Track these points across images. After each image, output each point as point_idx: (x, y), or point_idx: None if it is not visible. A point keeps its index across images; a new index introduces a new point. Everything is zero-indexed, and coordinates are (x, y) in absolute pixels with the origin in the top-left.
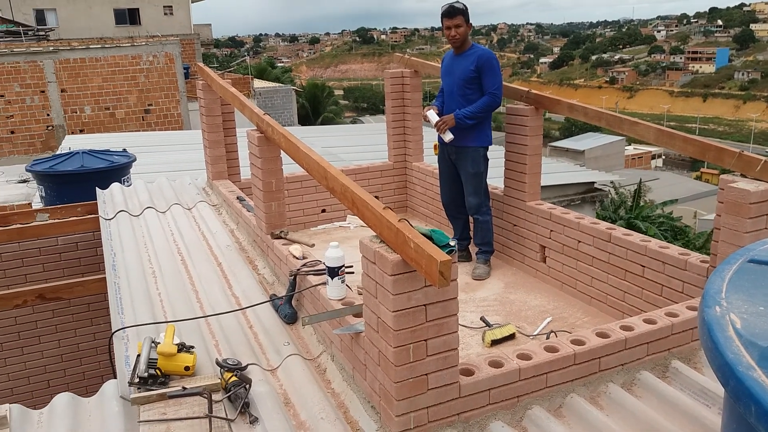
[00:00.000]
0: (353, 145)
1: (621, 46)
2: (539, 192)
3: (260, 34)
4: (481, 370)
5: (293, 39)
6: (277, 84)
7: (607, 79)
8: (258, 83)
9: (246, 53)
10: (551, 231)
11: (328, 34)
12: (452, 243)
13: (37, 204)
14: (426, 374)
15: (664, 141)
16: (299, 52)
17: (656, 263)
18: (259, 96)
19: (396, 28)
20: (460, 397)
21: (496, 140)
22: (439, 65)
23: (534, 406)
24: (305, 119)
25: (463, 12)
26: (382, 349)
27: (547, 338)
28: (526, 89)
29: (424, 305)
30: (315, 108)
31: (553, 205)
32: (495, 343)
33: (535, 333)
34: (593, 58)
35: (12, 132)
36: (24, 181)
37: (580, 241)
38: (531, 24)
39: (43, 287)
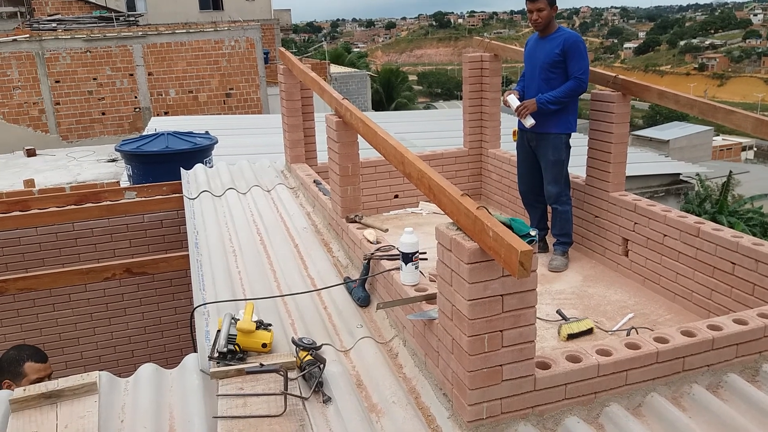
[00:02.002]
0: (426, 131)
1: (712, 31)
2: (624, 182)
3: (337, 20)
4: (557, 364)
5: (370, 24)
6: (353, 69)
7: (696, 66)
8: (334, 68)
9: (323, 38)
10: (635, 223)
11: (404, 18)
12: (533, 233)
13: (124, 182)
14: (500, 365)
15: (764, 131)
16: (375, 37)
17: (748, 261)
18: (334, 81)
19: (474, 12)
20: (535, 390)
21: (578, 127)
22: (520, 49)
23: (612, 404)
24: (379, 105)
25: None
26: (456, 338)
27: (628, 335)
28: (613, 74)
29: (501, 295)
30: (389, 93)
31: (638, 196)
32: (571, 337)
33: (614, 329)
34: (682, 43)
35: (103, 113)
36: (113, 161)
37: (665, 235)
38: (616, 7)
39: (130, 262)
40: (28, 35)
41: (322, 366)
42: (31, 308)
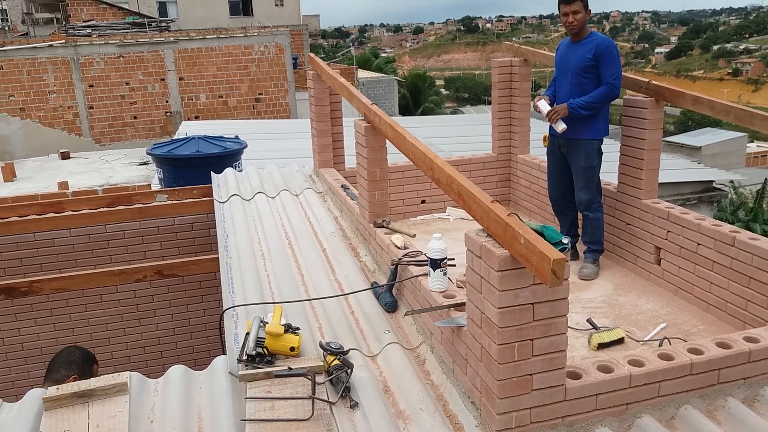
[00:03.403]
0: (453, 136)
1: (747, 35)
2: (656, 189)
3: (365, 25)
4: (588, 374)
5: (397, 29)
6: (380, 74)
7: (730, 71)
8: (361, 73)
9: (351, 44)
10: (668, 231)
11: (432, 23)
12: (565, 241)
13: (155, 185)
14: (530, 374)
15: None
16: (402, 42)
17: None
18: (361, 86)
19: (502, 17)
20: (565, 400)
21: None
22: (550, 53)
23: (644, 415)
24: (406, 109)
25: None
26: (485, 346)
27: (660, 345)
28: (646, 80)
29: (532, 304)
30: (416, 98)
31: (671, 204)
32: (602, 346)
33: (646, 339)
34: (715, 48)
35: (135, 117)
36: (144, 164)
37: (699, 244)
38: (647, 11)
39: (161, 264)
40: (63, 41)
41: (349, 371)
42: (64, 308)
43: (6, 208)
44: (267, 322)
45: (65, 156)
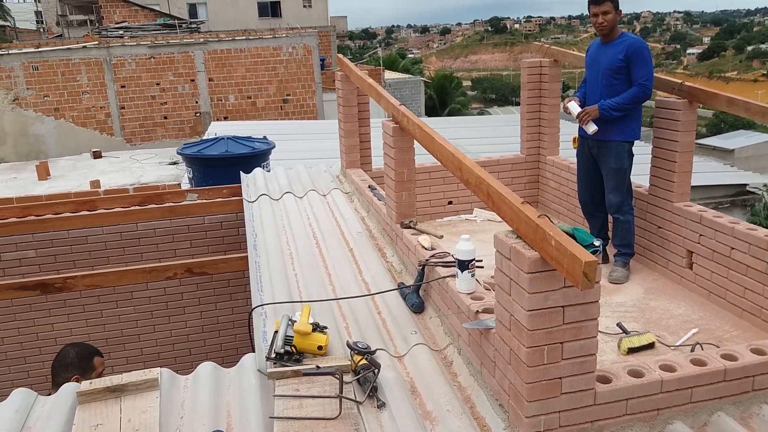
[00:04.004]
0: (480, 137)
1: None
2: (689, 193)
3: (392, 26)
4: (619, 379)
5: (424, 30)
6: (407, 75)
7: (765, 72)
8: (388, 74)
9: (378, 45)
10: (700, 235)
11: (459, 24)
12: (596, 243)
13: (185, 184)
14: (560, 378)
15: None
16: (429, 42)
17: None
18: (388, 87)
19: (530, 17)
20: (595, 404)
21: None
22: (580, 54)
23: (675, 422)
24: (432, 110)
25: None
26: (514, 348)
27: (692, 350)
28: (679, 81)
29: (562, 306)
30: (442, 99)
31: (704, 207)
32: (632, 351)
33: (677, 344)
34: (749, 48)
35: (165, 117)
36: (174, 163)
37: (733, 248)
38: (679, 12)
39: (191, 262)
40: (96, 42)
41: (376, 371)
42: (96, 304)
43: (41, 205)
44: (295, 321)
45: (97, 155)
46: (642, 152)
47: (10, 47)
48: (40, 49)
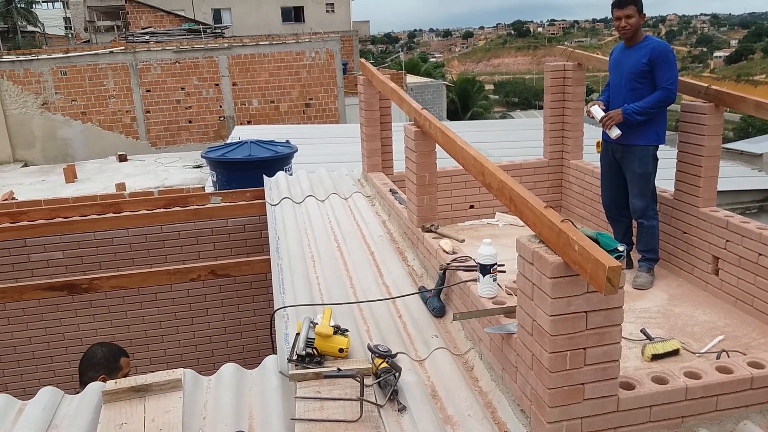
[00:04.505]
0: (502, 141)
1: None
2: (715, 197)
3: (415, 30)
4: (642, 385)
5: (447, 34)
6: (428, 79)
7: None
8: (410, 78)
9: (400, 49)
10: (727, 241)
11: (482, 27)
12: (620, 248)
13: (209, 188)
14: (582, 384)
15: None
16: (452, 46)
17: None
18: (410, 91)
19: (554, 21)
20: (618, 410)
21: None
22: (604, 58)
23: (700, 430)
24: (454, 114)
25: (635, 1)
26: (536, 354)
27: (718, 358)
28: (705, 85)
29: (585, 312)
30: (464, 103)
31: (730, 212)
32: (656, 357)
33: (702, 351)
34: None
35: (189, 121)
36: (198, 167)
37: (761, 254)
38: (705, 14)
39: (214, 264)
40: (123, 47)
41: (397, 374)
42: (120, 305)
43: (68, 207)
44: (317, 323)
45: (123, 158)
46: (667, 156)
47: (40, 53)
48: (68, 55)
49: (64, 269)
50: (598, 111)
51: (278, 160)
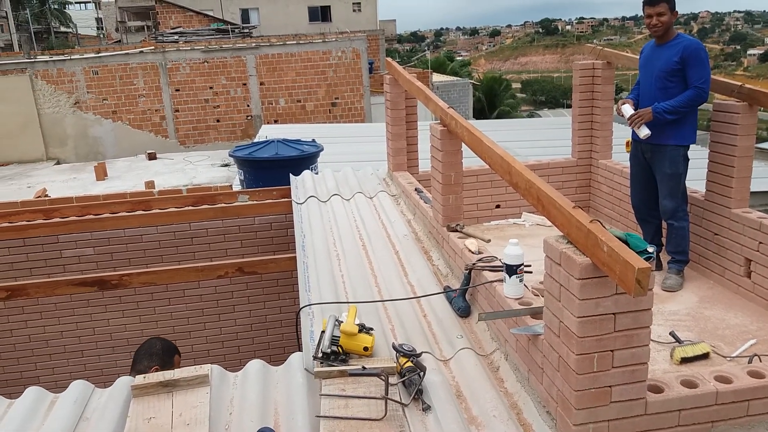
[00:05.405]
0: (530, 140)
1: None
2: (747, 199)
3: (441, 28)
4: (671, 389)
5: (473, 32)
6: (455, 78)
7: None
8: (436, 77)
9: (426, 48)
10: (760, 243)
11: (509, 26)
12: (650, 249)
13: (236, 186)
14: (610, 386)
15: None
16: (479, 45)
17: None
18: (436, 90)
19: (583, 18)
20: (645, 414)
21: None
22: (634, 56)
23: None
24: (480, 113)
25: None
26: (563, 355)
27: (750, 362)
28: (739, 83)
29: (613, 314)
30: (491, 101)
31: (764, 214)
32: (685, 361)
33: (734, 355)
34: None
35: (217, 120)
36: (225, 165)
37: None
38: (739, 11)
39: (242, 261)
40: (153, 47)
41: (422, 374)
42: (149, 301)
43: (99, 205)
44: (342, 321)
45: (152, 157)
46: (698, 157)
47: (72, 53)
48: (99, 55)
49: (94, 265)
50: (628, 109)
51: (304, 159)
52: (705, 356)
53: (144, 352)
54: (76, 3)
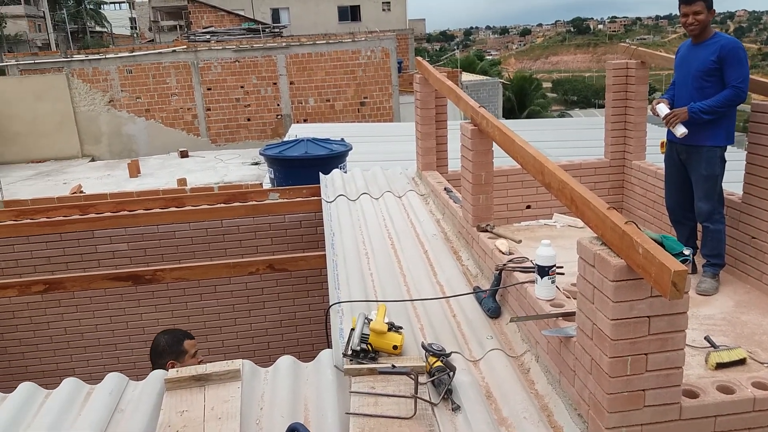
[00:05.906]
0: (560, 140)
1: None
2: None
3: (471, 27)
4: (707, 394)
5: (504, 31)
6: (484, 77)
7: None
8: (465, 76)
9: (456, 47)
10: None
11: (540, 25)
12: (686, 252)
13: (267, 184)
14: (643, 390)
15: None
16: (509, 44)
17: None
18: (465, 89)
19: (615, 17)
20: (680, 419)
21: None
22: (669, 56)
23: None
24: (510, 112)
25: None
26: (596, 358)
27: None
28: None
29: (648, 317)
30: (521, 101)
31: None
32: (720, 366)
33: None
34: None
35: (248, 119)
36: (255, 164)
37: None
38: None
39: (272, 258)
40: (185, 46)
41: (451, 373)
42: (181, 296)
43: (132, 201)
44: (371, 320)
45: (184, 154)
46: (734, 158)
47: (107, 52)
48: (133, 54)
49: (128, 260)
50: (663, 109)
51: (334, 158)
52: (741, 362)
53: (154, 353)
54: (110, 3)
